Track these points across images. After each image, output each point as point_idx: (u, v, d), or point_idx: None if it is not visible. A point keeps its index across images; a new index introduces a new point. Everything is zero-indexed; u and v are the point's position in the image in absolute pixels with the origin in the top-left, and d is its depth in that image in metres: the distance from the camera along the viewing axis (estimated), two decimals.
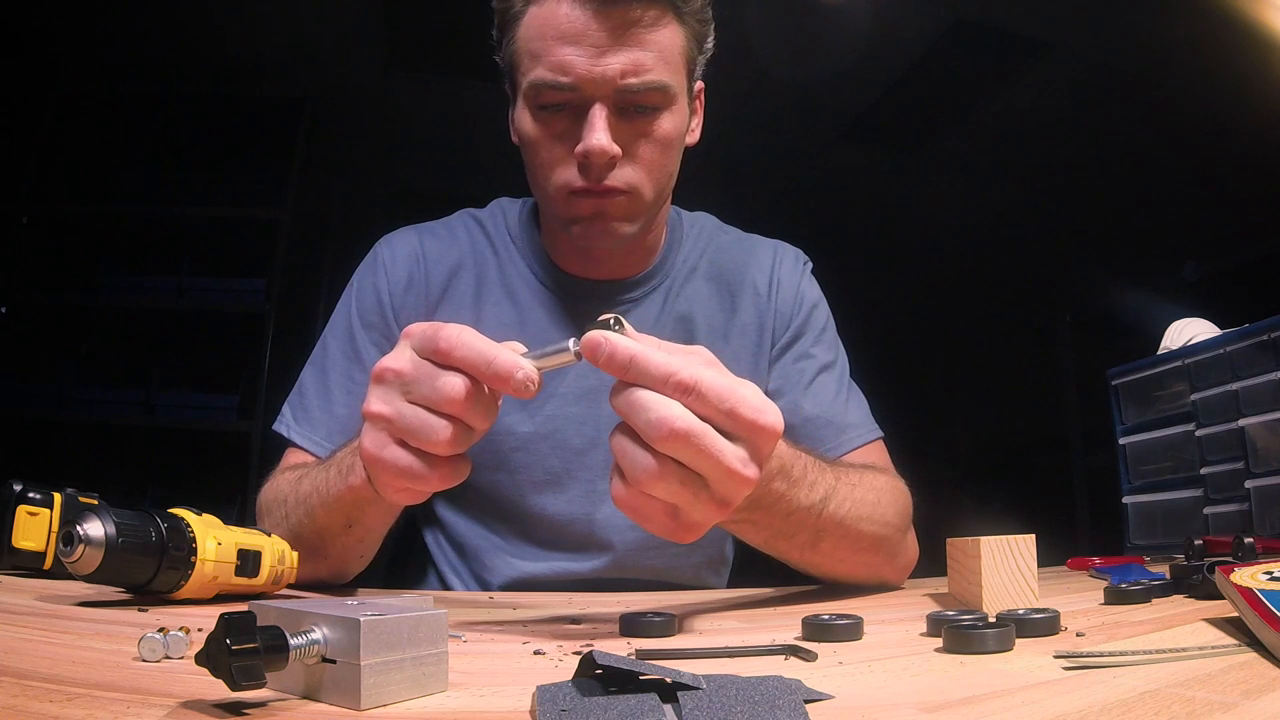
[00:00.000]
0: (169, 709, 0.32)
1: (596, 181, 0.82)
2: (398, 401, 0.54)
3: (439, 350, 0.53)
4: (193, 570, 0.59)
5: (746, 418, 0.51)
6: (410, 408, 0.54)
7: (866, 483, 0.81)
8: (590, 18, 0.77)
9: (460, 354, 0.52)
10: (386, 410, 0.54)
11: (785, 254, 1.06)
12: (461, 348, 0.52)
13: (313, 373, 0.95)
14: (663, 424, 0.49)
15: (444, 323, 0.54)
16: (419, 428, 0.53)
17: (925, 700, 0.35)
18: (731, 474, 0.50)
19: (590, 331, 0.51)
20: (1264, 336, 1.28)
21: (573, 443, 0.93)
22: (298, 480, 0.79)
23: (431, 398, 0.53)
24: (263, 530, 0.68)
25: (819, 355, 1.01)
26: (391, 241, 1.00)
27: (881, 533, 0.82)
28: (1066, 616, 0.53)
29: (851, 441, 0.97)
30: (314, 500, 0.74)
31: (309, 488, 0.76)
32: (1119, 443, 1.60)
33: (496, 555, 0.95)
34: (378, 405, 0.55)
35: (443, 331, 0.53)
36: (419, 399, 0.54)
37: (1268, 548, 0.82)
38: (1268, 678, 0.38)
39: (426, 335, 0.54)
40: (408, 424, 0.54)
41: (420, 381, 0.54)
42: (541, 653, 0.47)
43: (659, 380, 0.50)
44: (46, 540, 0.71)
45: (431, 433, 0.53)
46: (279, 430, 0.93)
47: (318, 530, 0.75)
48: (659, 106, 0.83)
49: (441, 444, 0.53)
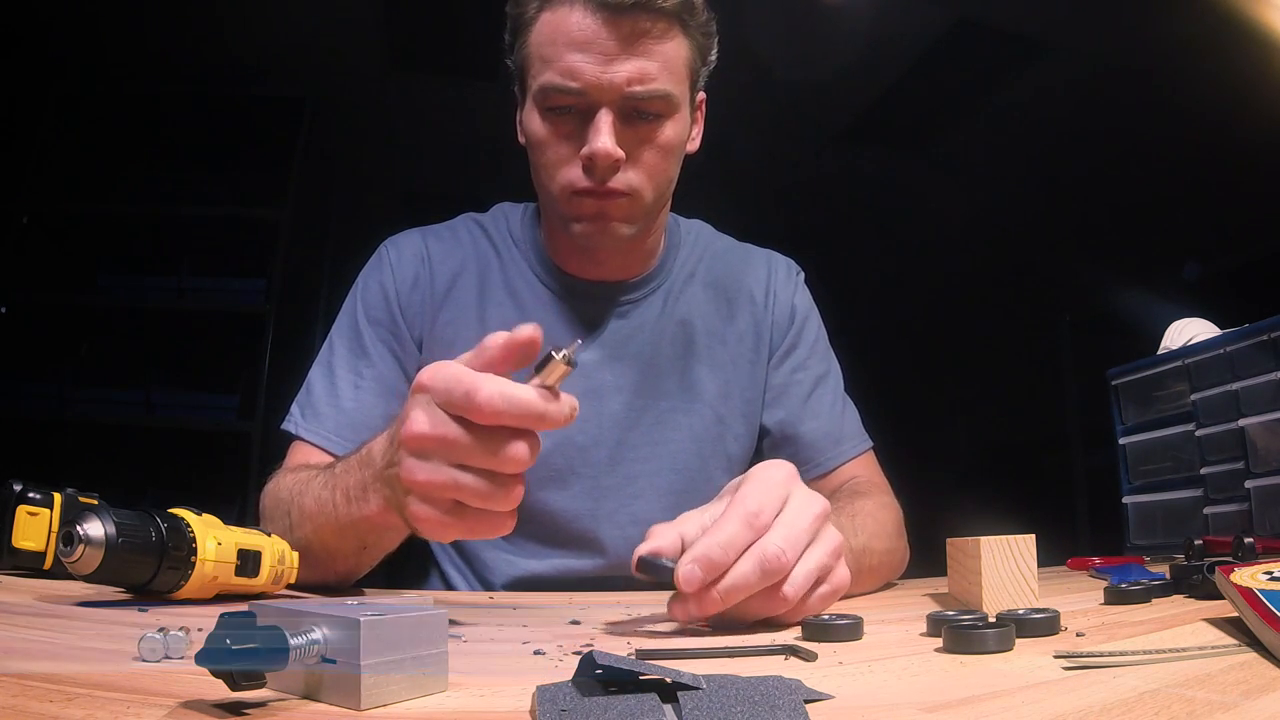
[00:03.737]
0: (169, 709, 0.32)
1: (600, 183, 0.85)
2: (449, 471, 0.52)
3: (481, 413, 0.51)
4: (193, 570, 0.59)
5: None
6: (471, 477, 0.52)
7: (866, 512, 0.85)
8: (600, 26, 0.80)
9: (511, 415, 0.51)
10: (441, 479, 0.53)
11: (779, 264, 1.08)
12: (508, 409, 0.51)
13: (320, 371, 0.96)
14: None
15: (462, 367, 0.53)
16: (489, 495, 0.52)
17: (925, 700, 0.35)
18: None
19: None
20: (1264, 336, 1.28)
21: (575, 439, 0.94)
22: (300, 492, 0.77)
23: (499, 468, 0.52)
24: (263, 531, 0.68)
25: (814, 367, 1.04)
26: (397, 243, 1.02)
27: (886, 560, 0.86)
28: (1066, 616, 0.53)
29: (846, 454, 1.00)
30: (321, 521, 0.72)
31: (313, 506, 0.73)
32: (1119, 443, 1.60)
33: (498, 554, 0.95)
34: (425, 475, 0.53)
35: (480, 394, 0.50)
36: (479, 466, 0.52)
37: (1268, 548, 0.82)
38: (1268, 678, 0.38)
39: (455, 394, 0.52)
40: (475, 492, 0.52)
41: (475, 451, 0.52)
42: (541, 653, 0.47)
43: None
44: (46, 540, 0.71)
45: (504, 500, 0.53)
46: (287, 428, 0.93)
47: (328, 551, 0.73)
48: (662, 114, 0.85)
49: (512, 501, 0.53)
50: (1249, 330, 1.32)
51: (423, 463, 0.53)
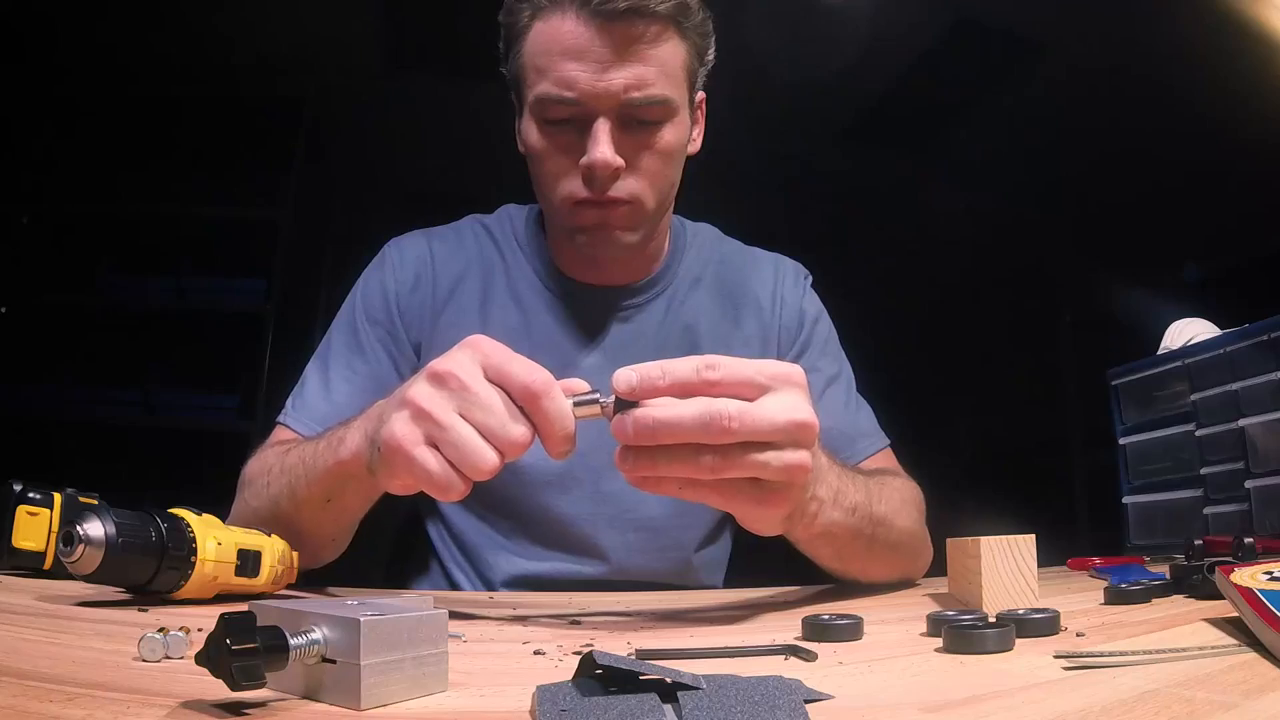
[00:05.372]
0: (169, 709, 0.32)
1: (600, 192, 0.84)
2: (451, 412, 0.54)
3: (524, 393, 0.53)
4: (193, 570, 0.59)
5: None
6: (465, 426, 0.53)
7: (892, 487, 0.84)
8: (594, 33, 0.79)
9: (543, 401, 0.53)
10: (437, 414, 0.54)
11: (786, 268, 1.07)
12: (545, 391, 0.53)
13: (316, 365, 0.96)
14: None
15: (523, 357, 0.54)
16: (469, 449, 0.53)
17: (925, 700, 0.35)
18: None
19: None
20: (1264, 336, 1.28)
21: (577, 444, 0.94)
22: (285, 452, 0.80)
23: (497, 433, 0.53)
24: (262, 531, 0.68)
25: (825, 369, 1.02)
26: (400, 244, 1.02)
27: (908, 540, 0.85)
28: (1066, 616, 0.52)
29: (864, 451, 0.99)
30: (298, 471, 0.74)
31: (295, 459, 0.76)
32: (1119, 443, 1.60)
33: (499, 553, 0.95)
34: (428, 403, 0.54)
35: (537, 375, 0.53)
36: (478, 424, 0.53)
37: (1268, 548, 0.82)
38: (1268, 678, 0.38)
39: (507, 366, 0.54)
40: (458, 439, 0.53)
41: (489, 409, 0.53)
42: (541, 653, 0.47)
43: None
44: (46, 540, 0.71)
45: (480, 460, 0.53)
46: (279, 419, 0.93)
47: (296, 503, 0.75)
48: (661, 119, 0.85)
49: (481, 472, 0.53)
50: (1249, 330, 1.32)
51: (435, 390, 0.55)
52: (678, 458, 0.53)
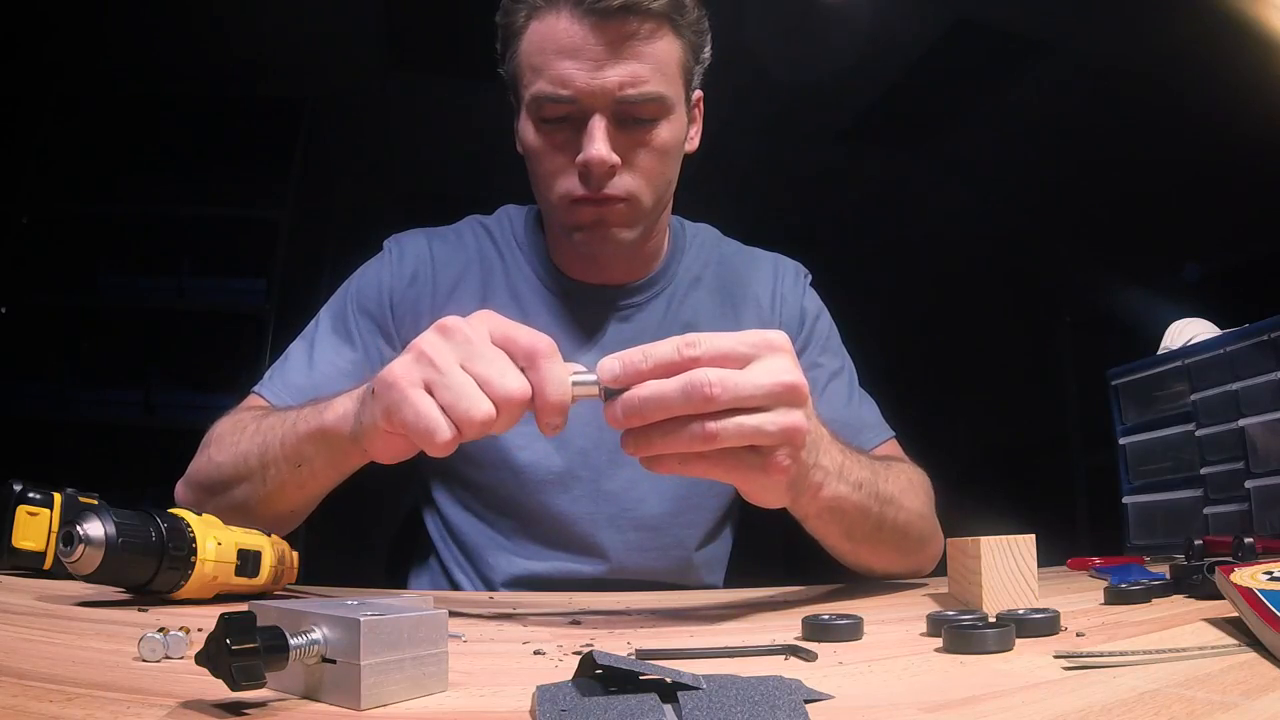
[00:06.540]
0: (169, 709, 0.32)
1: (597, 190, 0.85)
2: (451, 360, 0.54)
3: (527, 353, 0.54)
4: (193, 570, 0.59)
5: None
6: (463, 374, 0.54)
7: (899, 470, 0.84)
8: (588, 32, 0.80)
9: (543, 370, 0.53)
10: (438, 360, 0.54)
11: (786, 268, 1.08)
12: (547, 354, 0.54)
13: (301, 344, 0.97)
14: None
15: (529, 327, 0.55)
16: (464, 395, 0.53)
17: (925, 700, 0.35)
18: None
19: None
20: (1264, 336, 1.28)
21: (576, 442, 0.94)
22: (263, 415, 0.80)
23: (494, 383, 0.53)
24: (262, 532, 0.68)
25: (827, 364, 1.03)
26: (400, 240, 1.02)
27: (916, 523, 0.84)
28: (1066, 616, 0.52)
29: (869, 442, 0.99)
30: (275, 432, 0.74)
31: (274, 420, 0.76)
32: (1119, 443, 1.60)
33: (499, 553, 0.95)
34: (430, 349, 0.55)
35: (540, 338, 0.54)
36: (477, 375, 0.54)
37: (1268, 548, 0.83)
38: (1268, 678, 0.38)
39: (513, 330, 0.55)
40: (455, 384, 0.53)
41: (490, 361, 0.54)
42: (541, 653, 0.47)
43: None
44: (46, 540, 0.71)
45: (473, 406, 0.53)
46: (255, 390, 0.94)
47: (264, 462, 0.75)
48: (657, 117, 0.85)
49: (471, 424, 0.53)
50: (1249, 330, 1.32)
51: (440, 339, 0.55)
52: (671, 432, 0.54)
